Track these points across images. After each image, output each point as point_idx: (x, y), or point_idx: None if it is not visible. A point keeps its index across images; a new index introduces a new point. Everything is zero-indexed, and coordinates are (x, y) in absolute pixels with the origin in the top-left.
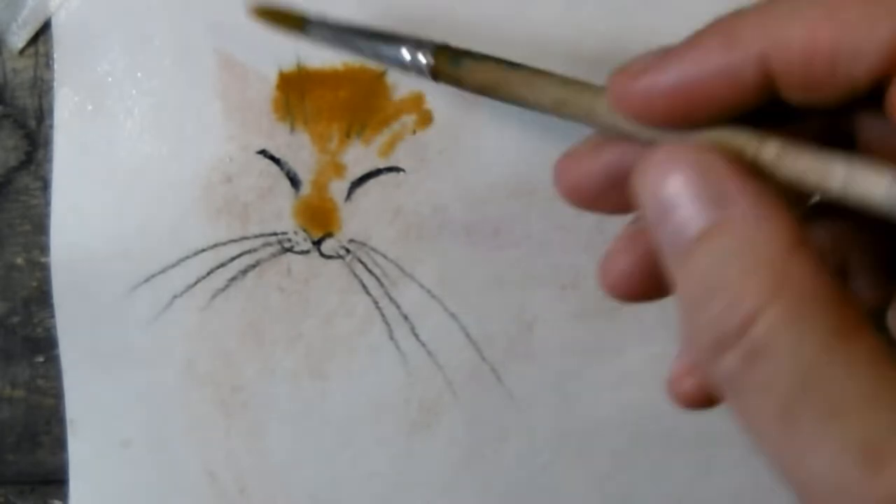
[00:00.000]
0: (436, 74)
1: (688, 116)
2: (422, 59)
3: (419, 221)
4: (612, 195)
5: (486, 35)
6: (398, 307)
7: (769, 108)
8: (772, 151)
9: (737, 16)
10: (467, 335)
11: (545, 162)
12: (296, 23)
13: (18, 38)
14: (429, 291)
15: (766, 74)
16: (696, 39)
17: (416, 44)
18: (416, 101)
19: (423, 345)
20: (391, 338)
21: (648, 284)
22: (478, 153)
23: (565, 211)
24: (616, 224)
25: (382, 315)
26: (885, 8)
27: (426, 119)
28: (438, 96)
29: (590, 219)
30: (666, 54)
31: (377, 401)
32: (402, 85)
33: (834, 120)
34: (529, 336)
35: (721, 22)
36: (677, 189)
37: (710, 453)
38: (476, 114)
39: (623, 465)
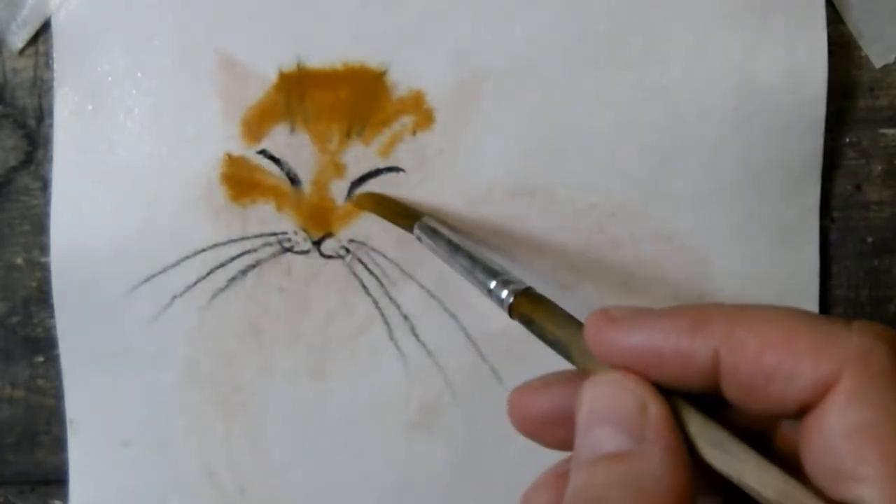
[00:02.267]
0: (511, 311)
1: (643, 373)
2: (504, 295)
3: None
4: (555, 430)
5: (486, 35)
6: (398, 307)
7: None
8: (696, 425)
9: (709, 309)
10: (467, 335)
11: (545, 162)
12: (408, 217)
13: (18, 38)
14: (429, 291)
15: (715, 368)
16: (670, 314)
17: (505, 282)
18: (416, 101)
19: (423, 345)
20: (391, 338)
21: None
22: (478, 153)
23: (565, 211)
24: (617, 225)
25: (382, 315)
26: (832, 347)
27: (426, 119)
28: (439, 96)
29: (590, 219)
30: (641, 315)
31: (377, 401)
32: (402, 85)
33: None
34: (529, 336)
35: (695, 308)
36: (611, 410)
37: None
38: (476, 114)
39: None
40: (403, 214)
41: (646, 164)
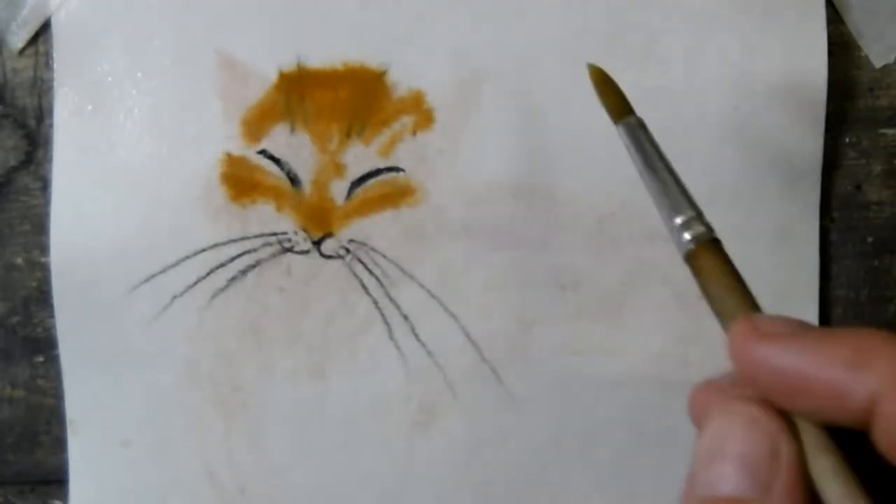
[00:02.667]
0: (688, 257)
1: (785, 398)
2: (687, 236)
3: (419, 221)
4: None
5: (486, 35)
6: (398, 307)
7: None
8: (827, 476)
9: (874, 340)
10: (467, 335)
11: (545, 162)
12: (620, 109)
13: (18, 38)
14: (429, 291)
15: (871, 411)
16: (829, 339)
17: (694, 220)
18: (416, 101)
19: (423, 345)
20: (391, 338)
21: None
22: (478, 153)
23: (565, 211)
24: (617, 225)
25: (382, 315)
26: None
27: (426, 119)
28: (439, 96)
29: (590, 218)
30: (795, 335)
31: (377, 401)
32: (402, 85)
33: None
34: (529, 336)
35: (858, 337)
36: (739, 448)
37: None
38: (476, 114)
39: (623, 465)
40: (618, 103)
41: None
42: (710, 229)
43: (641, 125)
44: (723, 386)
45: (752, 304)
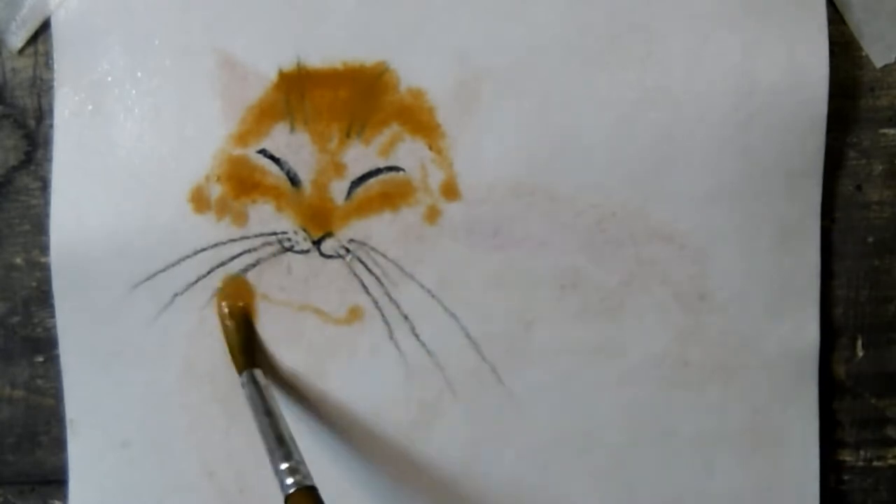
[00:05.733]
0: (286, 500)
1: None
2: (289, 481)
3: (419, 221)
4: None
5: (486, 35)
6: (398, 307)
7: None
8: None
9: None
10: (467, 335)
11: (545, 162)
12: (239, 362)
13: (18, 38)
14: (429, 291)
15: None
16: None
17: (294, 470)
18: (417, 101)
19: (423, 345)
20: (391, 338)
21: None
22: (478, 153)
23: (565, 211)
24: (617, 225)
25: (382, 315)
26: None
27: (426, 119)
28: (439, 96)
29: (590, 219)
30: None
31: (377, 401)
32: (403, 84)
33: None
34: (529, 336)
35: None
36: None
37: (710, 453)
38: (476, 114)
39: (623, 465)
40: (243, 353)
41: (646, 164)
42: (308, 476)
43: (254, 380)
44: None
45: None
